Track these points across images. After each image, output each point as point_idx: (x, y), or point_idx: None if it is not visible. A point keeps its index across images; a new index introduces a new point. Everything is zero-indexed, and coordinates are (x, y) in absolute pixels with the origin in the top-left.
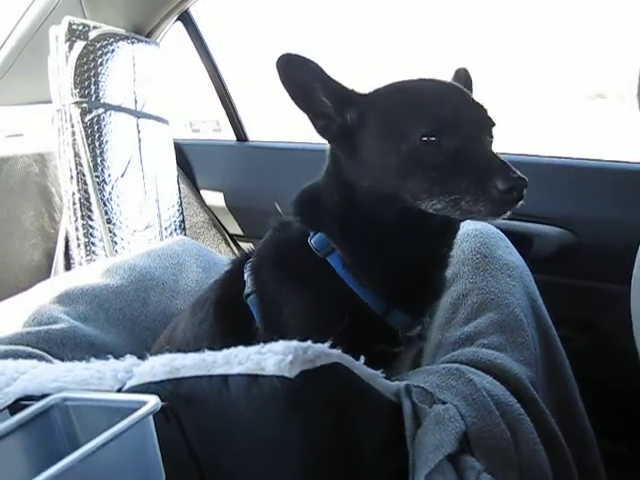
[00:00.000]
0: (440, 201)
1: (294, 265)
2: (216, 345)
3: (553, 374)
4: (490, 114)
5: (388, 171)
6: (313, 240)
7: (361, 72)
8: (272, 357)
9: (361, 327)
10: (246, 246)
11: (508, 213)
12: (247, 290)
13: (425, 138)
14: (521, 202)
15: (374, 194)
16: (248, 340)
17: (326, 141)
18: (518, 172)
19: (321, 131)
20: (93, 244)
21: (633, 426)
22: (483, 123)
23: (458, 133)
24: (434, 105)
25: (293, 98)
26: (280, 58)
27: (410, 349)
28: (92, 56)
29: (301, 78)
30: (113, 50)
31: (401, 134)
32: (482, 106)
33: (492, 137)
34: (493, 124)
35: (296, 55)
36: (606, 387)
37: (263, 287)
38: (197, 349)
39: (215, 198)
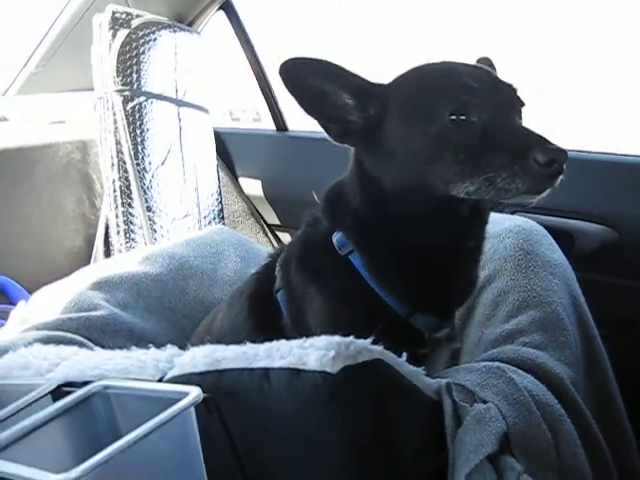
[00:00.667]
0: (473, 182)
1: (317, 263)
2: (250, 339)
3: (594, 374)
4: (519, 94)
5: (416, 157)
6: (335, 238)
7: (365, 68)
8: (314, 352)
9: (384, 328)
10: (283, 236)
11: (547, 192)
12: (277, 285)
13: (453, 117)
14: (561, 177)
15: (402, 186)
16: (277, 336)
17: (344, 145)
18: (556, 144)
19: (337, 135)
20: (133, 231)
21: None
22: (512, 101)
23: (488, 109)
24: (461, 82)
25: (303, 105)
26: (284, 64)
27: (439, 351)
28: (135, 44)
29: (311, 82)
30: (155, 39)
31: (427, 115)
32: (511, 85)
33: (521, 118)
34: (522, 104)
35: (303, 58)
36: None
37: (290, 283)
38: (233, 342)
39: (253, 187)
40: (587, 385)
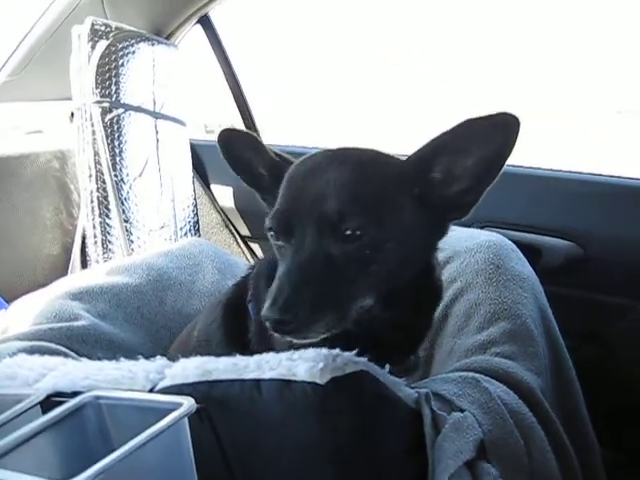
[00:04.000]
0: None
1: None
2: (219, 349)
3: (561, 383)
4: (334, 210)
5: None
6: None
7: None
8: (303, 364)
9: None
10: (256, 247)
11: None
12: (249, 297)
13: (271, 233)
14: (287, 336)
15: None
16: (240, 348)
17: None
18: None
19: (261, 197)
20: (110, 242)
21: (634, 436)
22: (318, 224)
23: (286, 236)
24: (280, 202)
25: (236, 171)
26: (221, 133)
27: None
28: (114, 56)
29: (241, 152)
30: (134, 51)
31: None
32: (327, 202)
33: (340, 231)
34: (336, 219)
35: (235, 130)
36: (609, 397)
37: (258, 297)
38: (206, 351)
39: (227, 199)
40: (555, 394)
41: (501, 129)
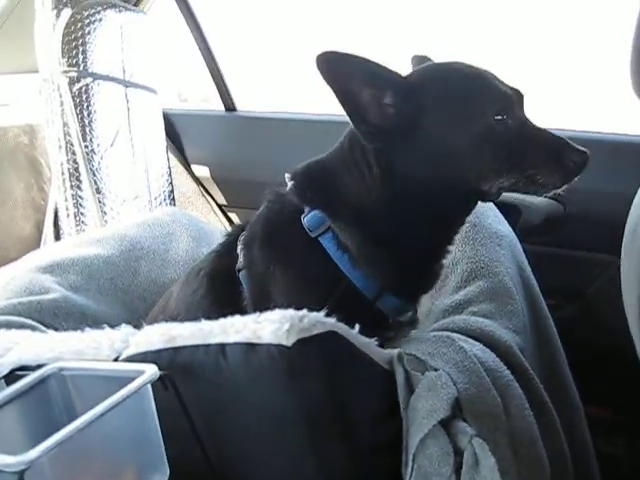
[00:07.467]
0: (510, 178)
1: (283, 244)
2: (207, 316)
3: (541, 341)
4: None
5: (456, 155)
6: (306, 218)
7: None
8: (269, 326)
9: (349, 311)
10: (233, 216)
11: None
12: (239, 265)
13: (498, 117)
14: None
15: (430, 182)
16: (237, 313)
17: (373, 144)
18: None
19: (370, 138)
20: (82, 214)
21: (616, 391)
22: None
23: (517, 112)
24: (497, 85)
25: (342, 101)
26: (320, 57)
27: (401, 334)
28: (80, 24)
29: (348, 78)
30: (101, 19)
31: (472, 115)
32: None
33: None
34: None
35: (338, 53)
36: (591, 353)
37: (253, 264)
38: (188, 320)
39: (203, 168)
40: (535, 352)
41: None
